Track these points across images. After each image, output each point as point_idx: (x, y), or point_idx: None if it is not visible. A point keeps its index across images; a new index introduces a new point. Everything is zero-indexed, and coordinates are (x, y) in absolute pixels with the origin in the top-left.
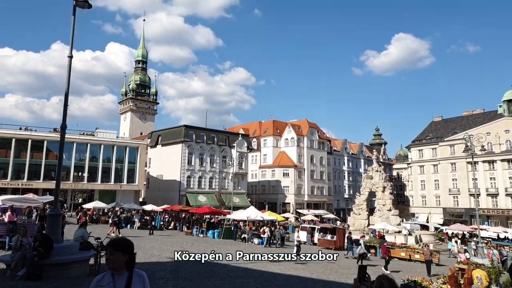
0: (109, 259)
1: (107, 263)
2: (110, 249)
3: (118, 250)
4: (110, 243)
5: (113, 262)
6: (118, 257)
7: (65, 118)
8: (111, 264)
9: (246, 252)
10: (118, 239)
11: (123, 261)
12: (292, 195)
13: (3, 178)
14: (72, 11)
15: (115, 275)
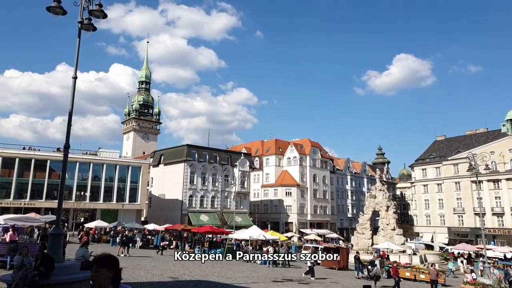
0: (94, 276)
1: (92, 280)
2: (95, 266)
3: (103, 267)
4: (95, 260)
5: (98, 279)
6: (103, 273)
7: (69, 137)
8: (97, 281)
9: (249, 272)
10: (103, 255)
11: (109, 278)
12: (295, 215)
13: (5, 198)
14: (77, 33)
15: None
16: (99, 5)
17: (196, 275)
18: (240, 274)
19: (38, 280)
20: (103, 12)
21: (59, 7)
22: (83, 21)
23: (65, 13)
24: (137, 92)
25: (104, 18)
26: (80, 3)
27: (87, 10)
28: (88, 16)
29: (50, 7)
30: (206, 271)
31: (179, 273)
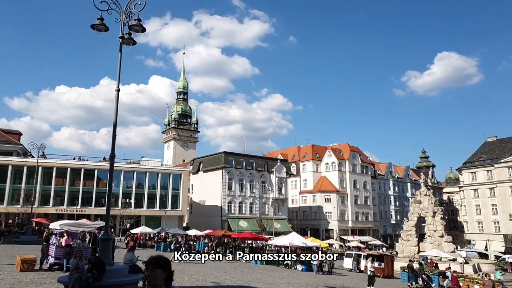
0: (150, 277)
1: (148, 280)
2: (151, 267)
3: (159, 268)
4: (151, 261)
5: (153, 279)
6: (158, 274)
7: (114, 147)
8: (152, 282)
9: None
10: (158, 257)
11: (163, 278)
12: (335, 221)
13: (60, 205)
14: (118, 48)
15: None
16: (138, 19)
17: (238, 280)
18: (281, 280)
19: (91, 282)
20: (141, 26)
21: (102, 24)
22: (123, 36)
23: (107, 29)
24: (176, 102)
25: (142, 32)
26: (121, 19)
27: (127, 26)
28: (128, 31)
29: (94, 24)
30: (248, 277)
31: (221, 278)
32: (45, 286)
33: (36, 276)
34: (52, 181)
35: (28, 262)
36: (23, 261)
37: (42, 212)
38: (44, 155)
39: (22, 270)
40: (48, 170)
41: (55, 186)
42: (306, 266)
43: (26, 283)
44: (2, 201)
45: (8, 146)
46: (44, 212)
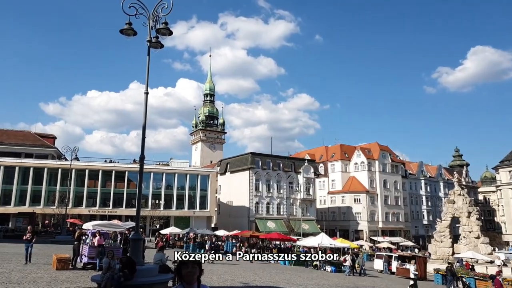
0: (191, 273)
1: (188, 276)
2: (192, 264)
3: (197, 265)
4: (190, 262)
5: (193, 275)
6: (196, 271)
7: (143, 149)
8: (192, 278)
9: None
10: (194, 255)
11: (197, 276)
12: (365, 222)
13: (92, 206)
14: (147, 52)
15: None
16: (165, 23)
17: (267, 281)
18: (310, 281)
19: (123, 281)
20: (168, 29)
21: (130, 29)
22: (151, 40)
23: (135, 34)
24: (203, 105)
25: (170, 35)
26: (148, 23)
27: (155, 29)
28: (156, 35)
29: (123, 29)
30: (276, 278)
31: (249, 278)
32: (79, 284)
33: (71, 275)
34: (84, 183)
35: (64, 261)
36: (59, 260)
37: (76, 213)
38: (77, 158)
39: (58, 269)
40: (81, 172)
41: (87, 188)
42: (335, 267)
43: (62, 281)
44: (39, 203)
45: (44, 150)
46: (78, 213)
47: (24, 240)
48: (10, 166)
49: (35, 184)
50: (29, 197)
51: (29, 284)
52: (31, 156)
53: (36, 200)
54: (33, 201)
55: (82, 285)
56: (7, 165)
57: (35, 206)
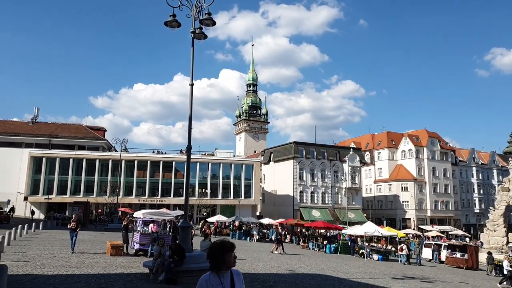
0: (235, 258)
1: (234, 262)
2: (232, 249)
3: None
4: (232, 246)
5: (234, 261)
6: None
7: (190, 139)
8: (234, 263)
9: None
10: (228, 242)
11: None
12: (412, 210)
13: (142, 195)
14: (190, 44)
15: (220, 275)
16: (208, 13)
17: (312, 268)
18: (356, 269)
19: (173, 267)
20: (212, 19)
21: (174, 21)
22: (195, 31)
23: (179, 25)
24: (246, 95)
25: (213, 25)
26: (192, 14)
27: (198, 20)
28: (199, 26)
29: (168, 21)
30: (322, 265)
31: (295, 266)
32: (132, 270)
33: (124, 261)
34: (134, 173)
35: (117, 248)
36: (113, 247)
37: (127, 202)
38: (126, 149)
39: (112, 255)
40: (130, 163)
41: (137, 178)
42: (382, 256)
43: (116, 266)
44: (92, 192)
45: (95, 142)
46: (128, 202)
47: (68, 229)
48: (65, 158)
49: (88, 174)
50: (83, 187)
51: (86, 268)
52: (83, 148)
53: (89, 190)
54: (87, 190)
55: (135, 271)
56: (62, 157)
57: (88, 195)
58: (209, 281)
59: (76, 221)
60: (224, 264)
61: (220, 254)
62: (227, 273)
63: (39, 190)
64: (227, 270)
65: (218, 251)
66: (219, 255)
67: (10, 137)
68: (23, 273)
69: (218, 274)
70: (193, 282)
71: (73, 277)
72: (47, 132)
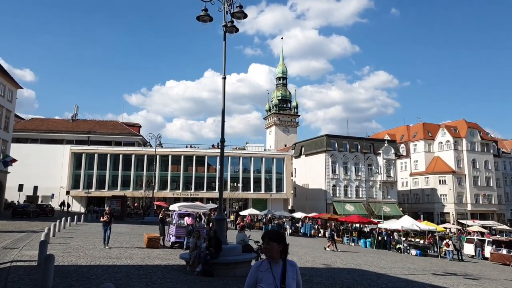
0: (267, 249)
1: (265, 252)
2: (267, 240)
3: (274, 241)
4: (267, 235)
5: (270, 251)
6: (274, 247)
7: (223, 132)
8: (269, 253)
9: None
10: (272, 231)
11: (278, 251)
12: (451, 204)
13: (176, 189)
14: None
15: (272, 263)
16: (239, 6)
17: (348, 263)
18: (394, 265)
19: (209, 259)
20: (243, 12)
21: (206, 15)
22: (226, 25)
23: (211, 19)
24: (275, 88)
25: (244, 18)
26: (223, 7)
27: (229, 14)
28: (231, 19)
29: (200, 16)
30: (358, 260)
31: (330, 260)
32: (169, 261)
33: (161, 253)
34: (168, 167)
35: (154, 240)
36: (150, 239)
37: (161, 196)
38: (160, 144)
39: (149, 247)
40: (164, 158)
41: (171, 173)
42: (421, 251)
43: (153, 258)
44: (128, 187)
45: (131, 138)
46: (163, 196)
47: (102, 222)
48: (103, 154)
49: (125, 169)
50: (120, 181)
51: (126, 259)
52: (119, 144)
53: (126, 184)
54: (124, 185)
55: (172, 262)
56: (100, 153)
57: (125, 189)
58: (259, 266)
59: (109, 213)
60: (263, 252)
61: (262, 241)
62: (279, 261)
63: (79, 185)
64: (274, 258)
65: (261, 239)
66: (262, 243)
67: (53, 134)
68: (68, 263)
69: (269, 261)
70: (228, 275)
71: (113, 268)
72: (86, 129)
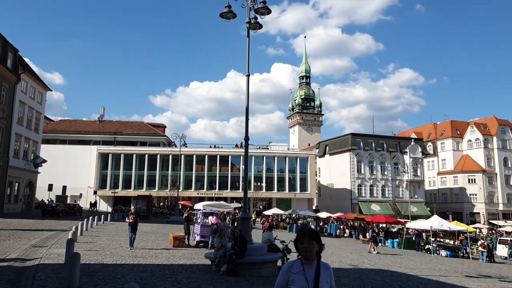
0: (307, 248)
1: (303, 251)
2: (308, 238)
3: (314, 240)
4: (307, 233)
5: (310, 251)
6: (314, 246)
7: (247, 130)
8: (308, 253)
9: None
10: (311, 229)
11: (316, 251)
12: (481, 204)
13: (200, 189)
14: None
15: (305, 264)
16: (263, 2)
17: (376, 264)
18: (424, 266)
19: (235, 259)
20: (267, 8)
21: (230, 12)
22: (250, 21)
23: (235, 16)
24: (299, 87)
25: (268, 14)
26: (247, 4)
27: (253, 10)
28: (254, 16)
29: (223, 13)
30: (386, 261)
31: (357, 261)
32: (194, 261)
33: (186, 252)
34: (192, 167)
35: (179, 239)
36: (175, 238)
37: (186, 195)
38: (185, 144)
39: (174, 246)
40: (189, 158)
41: (195, 172)
42: (451, 252)
43: (179, 257)
44: (154, 186)
45: (156, 138)
46: (188, 195)
47: (128, 223)
48: (129, 154)
49: (150, 169)
50: (146, 181)
51: (151, 259)
52: (145, 144)
53: (152, 184)
54: (149, 185)
55: (197, 262)
56: (126, 153)
57: (150, 189)
58: (291, 267)
59: (135, 213)
60: (299, 252)
61: (295, 241)
62: (313, 263)
63: (106, 185)
64: (309, 260)
65: (296, 237)
66: (295, 243)
67: (80, 135)
68: (94, 262)
69: (302, 262)
70: (254, 275)
71: (139, 267)
72: (112, 130)
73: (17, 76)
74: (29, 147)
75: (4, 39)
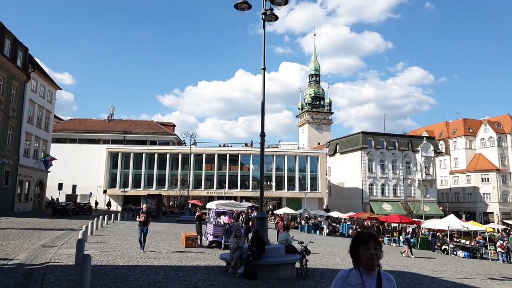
0: (374, 255)
1: (369, 259)
2: (374, 243)
3: (379, 246)
4: (373, 236)
5: (378, 258)
6: (380, 254)
7: (263, 125)
8: (376, 261)
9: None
10: (373, 233)
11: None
12: (495, 203)
13: (210, 188)
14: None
15: (363, 274)
16: None
17: (395, 265)
18: (444, 267)
19: (251, 260)
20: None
21: (245, 2)
22: (266, 12)
23: (250, 7)
24: (308, 86)
25: (285, 5)
26: None
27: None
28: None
29: (238, 3)
30: (405, 262)
31: None
32: (208, 262)
33: (199, 252)
34: (202, 166)
35: (191, 239)
36: (187, 238)
37: (196, 195)
38: (195, 142)
39: (187, 246)
40: (198, 157)
41: (205, 171)
42: (469, 253)
43: (192, 258)
44: (164, 185)
45: (166, 137)
46: (197, 194)
47: (138, 222)
48: (138, 153)
49: (160, 168)
50: (155, 180)
51: (164, 260)
52: (154, 143)
53: (161, 183)
54: (159, 184)
55: (211, 263)
56: (136, 152)
57: (160, 188)
58: (347, 278)
59: (147, 212)
60: (359, 260)
61: (353, 247)
62: (374, 273)
63: (116, 184)
64: (371, 269)
65: (352, 243)
66: (353, 248)
67: (90, 134)
68: (105, 263)
69: (360, 272)
70: (272, 277)
71: (151, 268)
72: (122, 129)
73: (27, 75)
74: (39, 146)
75: (14, 37)
